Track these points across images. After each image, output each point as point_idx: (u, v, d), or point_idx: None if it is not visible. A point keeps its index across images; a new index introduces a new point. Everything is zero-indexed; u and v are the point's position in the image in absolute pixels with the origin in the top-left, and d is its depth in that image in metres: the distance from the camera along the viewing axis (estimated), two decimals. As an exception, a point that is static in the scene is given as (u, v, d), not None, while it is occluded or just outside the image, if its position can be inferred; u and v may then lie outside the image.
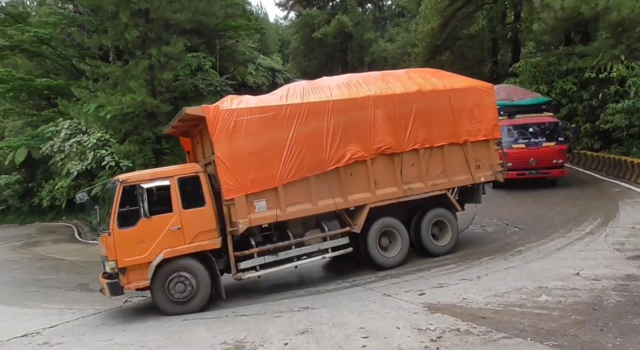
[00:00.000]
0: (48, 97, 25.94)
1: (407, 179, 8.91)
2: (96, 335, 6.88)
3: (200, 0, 23.04)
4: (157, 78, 21.42)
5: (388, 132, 8.74)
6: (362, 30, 41.08)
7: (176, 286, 7.61)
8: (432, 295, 6.88)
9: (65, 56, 24.66)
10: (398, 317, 6.06)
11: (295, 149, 8.10)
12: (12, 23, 25.02)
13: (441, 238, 9.46)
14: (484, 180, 9.71)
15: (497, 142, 9.81)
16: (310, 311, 6.84)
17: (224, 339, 5.90)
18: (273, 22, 61.87)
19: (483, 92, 9.82)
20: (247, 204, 7.79)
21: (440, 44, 27.22)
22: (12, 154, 26.38)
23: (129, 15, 20.37)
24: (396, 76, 9.74)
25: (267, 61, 40.24)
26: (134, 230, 7.51)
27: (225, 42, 29.48)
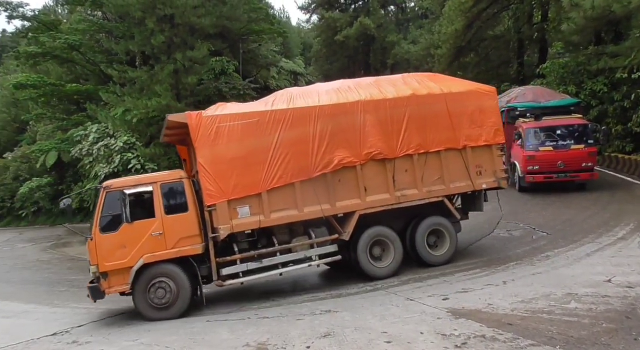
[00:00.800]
0: (77, 101, 26.69)
1: (400, 185, 8.62)
2: (122, 335, 7.01)
3: (224, 5, 23.40)
4: (182, 82, 21.84)
5: (379, 137, 8.51)
6: (384, 33, 40.85)
7: (157, 292, 7.66)
8: (456, 300, 6.75)
9: (94, 62, 25.36)
10: (421, 321, 5.97)
11: (280, 155, 8.05)
12: (44, 31, 25.91)
13: (439, 247, 9.08)
14: (486, 187, 9.27)
15: (501, 148, 9.40)
16: (332, 314, 6.80)
17: (246, 341, 5.93)
18: (295, 26, 62.19)
19: (484, 96, 9.41)
20: (229, 210, 7.78)
21: (464, 46, 26.82)
22: (43, 157, 27.22)
23: (155, 21, 20.84)
24: (390, 81, 9.54)
25: (289, 64, 40.49)
26: (116, 235, 7.63)
27: (249, 45, 29.81)
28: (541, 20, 24.81)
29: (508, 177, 9.49)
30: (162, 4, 20.84)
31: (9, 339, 7.23)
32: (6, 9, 25.64)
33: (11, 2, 25.74)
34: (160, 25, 21.16)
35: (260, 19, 28.08)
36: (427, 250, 8.95)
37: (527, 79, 25.14)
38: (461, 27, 25.24)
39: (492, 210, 12.82)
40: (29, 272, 15.15)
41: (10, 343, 6.95)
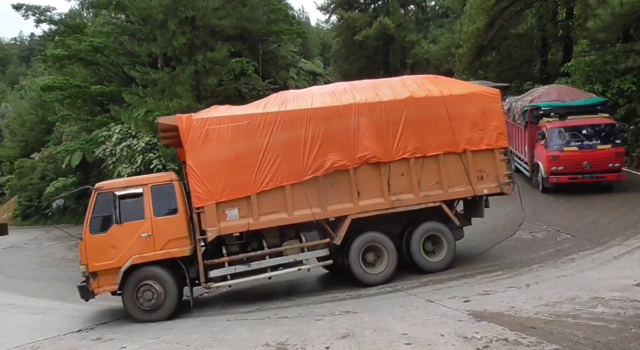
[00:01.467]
0: (101, 103, 27.29)
1: (395, 189, 8.45)
2: (144, 332, 7.12)
3: (244, 7, 23.59)
4: (202, 83, 22.10)
5: (373, 140, 8.38)
6: (404, 32, 40.55)
7: (144, 294, 7.75)
8: (478, 302, 6.64)
9: (117, 64, 25.89)
10: (442, 324, 5.89)
11: (270, 158, 8.02)
12: (70, 34, 26.59)
13: (437, 254, 8.90)
14: (487, 193, 8.98)
15: (504, 152, 9.10)
16: (351, 315, 6.77)
17: (266, 341, 5.95)
18: (314, 26, 62.30)
19: (487, 98, 9.13)
20: (218, 213, 7.80)
21: (485, 44, 26.36)
22: (68, 158, 27.91)
23: (176, 23, 21.15)
24: (389, 83, 9.38)
25: (308, 65, 40.59)
26: (105, 235, 7.76)
27: (268, 46, 29.98)
28: (566, 17, 24.22)
29: (512, 182, 9.14)
30: (183, 6, 21.14)
31: (37, 334, 7.43)
32: (34, 13, 26.41)
33: (39, 7, 26.54)
34: (181, 28, 21.47)
35: (279, 20, 28.22)
36: (424, 257, 8.74)
37: (551, 77, 24.58)
38: (483, 25, 24.83)
39: (514, 212, 12.61)
40: (56, 270, 15.56)
41: (38, 339, 7.14)
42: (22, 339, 7.15)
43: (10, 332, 7.86)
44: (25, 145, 39.77)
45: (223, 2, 22.26)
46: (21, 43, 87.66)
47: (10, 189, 36.44)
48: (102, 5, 26.18)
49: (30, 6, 26.41)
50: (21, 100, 44.81)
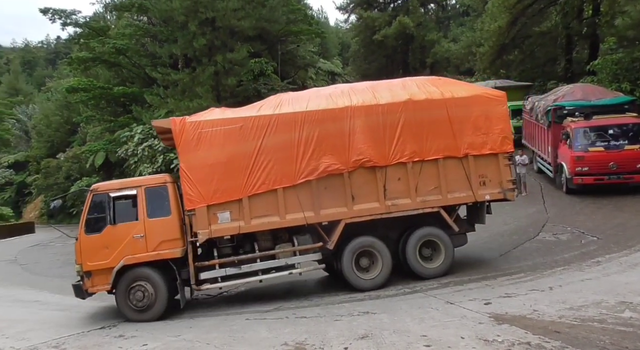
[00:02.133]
0: (124, 104, 27.85)
1: (392, 194, 8.27)
2: (165, 330, 7.22)
3: (263, 7, 23.75)
4: (222, 84, 22.35)
5: (368, 144, 8.22)
6: (424, 31, 40.18)
7: (136, 294, 7.88)
8: (499, 305, 6.53)
9: (139, 65, 26.38)
10: (462, 326, 5.81)
11: (263, 161, 7.98)
12: (94, 36, 27.21)
13: (434, 260, 8.68)
14: (489, 199, 8.68)
15: (509, 157, 8.76)
16: (370, 316, 6.74)
17: (284, 340, 5.96)
18: (333, 26, 62.30)
19: (491, 101, 8.80)
20: (209, 215, 7.82)
21: (507, 43, 25.90)
22: (92, 158, 28.57)
23: (197, 24, 21.44)
24: (389, 85, 9.13)
25: (327, 65, 40.61)
26: (100, 236, 7.90)
27: (287, 47, 30.10)
28: (592, 14, 23.59)
29: (516, 188, 8.83)
30: (204, 7, 21.42)
31: (62, 330, 7.62)
32: (61, 16, 27.12)
33: (65, 10, 27.22)
34: (201, 29, 21.76)
35: (298, 20, 28.32)
36: (419, 263, 8.54)
37: (575, 76, 24.00)
38: (505, 23, 24.41)
39: (537, 213, 12.37)
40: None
41: (64, 335, 7.32)
42: (48, 335, 7.34)
43: (36, 327, 8.07)
44: (51, 145, 40.82)
45: (243, 3, 22.48)
46: (48, 46, 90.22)
47: (37, 188, 37.46)
48: (124, 7, 26.72)
49: (57, 10, 27.15)
50: (47, 102, 46.05)
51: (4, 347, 6.87)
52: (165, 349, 6.16)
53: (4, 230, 31.10)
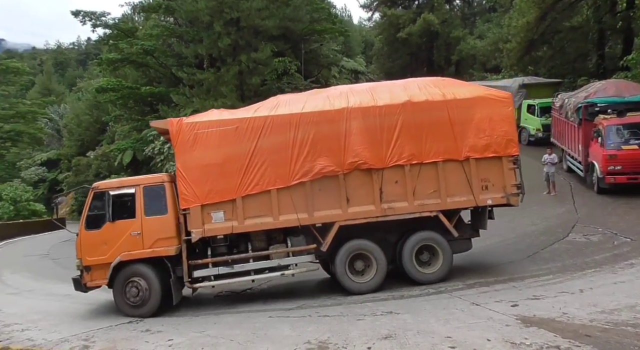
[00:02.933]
0: (151, 103, 28.44)
1: (388, 197, 8.11)
2: (190, 326, 7.34)
3: (287, 7, 23.85)
4: (246, 83, 22.55)
5: (364, 146, 8.09)
6: (449, 28, 39.61)
7: (131, 290, 8.09)
8: (527, 307, 6.37)
9: (166, 65, 26.88)
10: (488, 328, 5.69)
11: (257, 162, 8.01)
12: (123, 37, 27.88)
13: (432, 265, 8.45)
14: (492, 204, 8.38)
15: (513, 160, 8.40)
16: (393, 316, 6.68)
17: (307, 338, 5.97)
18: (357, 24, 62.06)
19: (496, 102, 8.48)
20: (203, 215, 7.94)
21: (536, 39, 25.26)
22: (120, 156, 29.30)
23: (221, 24, 21.70)
24: (390, 86, 8.99)
25: (350, 63, 40.50)
26: (99, 232, 8.16)
27: (310, 45, 30.14)
28: (626, 8, 22.76)
29: (521, 193, 8.43)
30: (229, 7, 21.65)
31: (91, 324, 7.84)
32: (91, 18, 27.93)
33: (95, 12, 28.01)
34: (226, 29, 22.00)
35: (322, 19, 28.33)
36: (415, 267, 8.34)
37: (608, 72, 23.23)
38: (534, 19, 23.81)
39: (566, 213, 12.03)
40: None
41: (93, 328, 7.52)
42: (78, 328, 7.56)
43: (67, 320, 8.33)
44: (81, 144, 42.06)
45: (267, 3, 22.62)
46: (79, 47, 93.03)
47: (68, 185, 38.64)
48: (152, 9, 27.27)
49: (88, 12, 27.97)
50: (78, 102, 47.48)
51: (37, 338, 7.11)
52: (190, 344, 6.25)
53: (37, 226, 32.25)
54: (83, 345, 6.59)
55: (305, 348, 5.68)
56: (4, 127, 40.42)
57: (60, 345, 6.65)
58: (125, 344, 6.49)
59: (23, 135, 41.47)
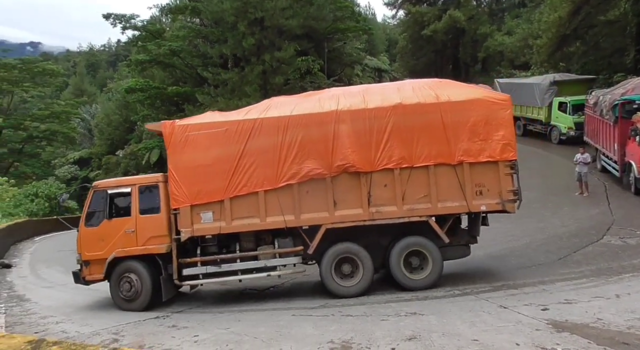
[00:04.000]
0: (177, 103, 28.94)
1: (377, 201, 8.01)
2: (215, 323, 7.40)
3: (310, 6, 23.86)
4: (270, 82, 22.68)
5: (353, 148, 8.00)
6: (475, 25, 38.87)
7: (124, 285, 8.45)
8: (558, 311, 6.15)
9: (192, 65, 27.31)
10: (517, 332, 5.52)
11: (246, 164, 8.08)
12: (151, 39, 28.48)
13: (421, 271, 8.25)
14: (485, 210, 8.12)
15: (511, 165, 8.06)
16: (417, 317, 6.56)
17: (330, 338, 5.92)
18: (381, 22, 61.60)
19: (493, 105, 8.16)
20: (192, 215, 8.12)
21: (569, 34, 24.42)
22: (147, 155, 29.91)
23: (246, 24, 21.88)
24: (383, 88, 8.88)
25: (373, 62, 40.25)
26: (97, 229, 8.56)
27: (334, 44, 30.08)
28: (666, 0, 21.80)
29: (518, 199, 8.12)
30: (253, 7, 21.81)
31: (120, 318, 7.99)
32: (121, 21, 28.68)
33: (125, 15, 28.73)
34: (250, 29, 22.16)
35: (345, 18, 28.21)
36: (403, 273, 8.16)
37: (646, 68, 22.29)
38: (566, 13, 23.04)
39: (601, 215, 11.61)
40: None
41: (122, 322, 7.68)
42: (108, 322, 7.72)
43: (98, 314, 8.54)
44: (111, 143, 43.12)
45: (291, 2, 22.68)
46: (109, 49, 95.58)
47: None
48: (179, 10, 27.74)
49: (118, 15, 28.73)
50: (108, 102, 48.72)
51: (71, 330, 7.31)
52: (215, 340, 6.29)
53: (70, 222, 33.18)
54: (113, 339, 6.73)
55: (328, 347, 5.63)
56: (40, 127, 41.92)
57: (92, 338, 6.80)
58: (152, 339, 6.59)
59: (57, 134, 42.90)
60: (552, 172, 17.74)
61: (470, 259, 10.22)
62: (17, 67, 39.88)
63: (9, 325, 7.88)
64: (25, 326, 7.75)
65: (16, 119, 41.91)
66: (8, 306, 9.45)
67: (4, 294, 10.92)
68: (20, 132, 41.52)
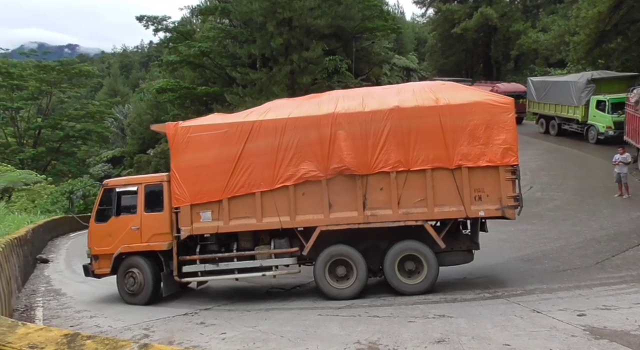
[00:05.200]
0: (206, 102, 29.44)
1: (373, 204, 7.97)
2: (242, 321, 7.45)
3: (339, 5, 23.80)
4: (297, 82, 22.76)
5: (348, 152, 7.96)
6: (508, 22, 37.93)
7: (129, 280, 8.81)
8: (596, 317, 5.89)
9: (221, 66, 27.71)
10: (551, 337, 5.31)
11: (244, 165, 8.22)
12: (181, 40, 29.06)
13: (417, 275, 8.10)
14: (484, 216, 7.94)
15: (512, 170, 7.82)
16: (446, 319, 6.42)
17: (357, 338, 5.86)
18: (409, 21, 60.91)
19: (494, 108, 7.94)
20: (192, 214, 8.34)
21: (609, 30, 23.45)
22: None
23: (274, 24, 22.02)
24: (383, 91, 8.88)
25: (402, 61, 39.80)
26: (105, 225, 8.96)
27: (362, 43, 29.90)
28: None
29: (519, 206, 7.88)
30: (281, 8, 21.93)
31: (151, 314, 8.17)
32: (153, 23, 29.41)
33: (157, 17, 29.43)
34: (279, 29, 22.30)
35: (374, 17, 27.99)
36: (397, 276, 8.08)
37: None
38: (606, 8, 22.13)
39: None
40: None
41: (153, 318, 7.83)
42: (139, 317, 7.88)
43: (129, 310, 8.71)
44: (142, 142, 44.20)
45: (319, 2, 22.69)
46: (142, 50, 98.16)
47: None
48: (209, 11, 28.18)
49: (150, 17, 29.46)
50: (140, 102, 49.97)
51: (104, 325, 7.51)
52: (242, 338, 6.32)
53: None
54: (144, 334, 6.85)
55: (355, 348, 5.57)
56: (76, 126, 43.44)
57: (124, 333, 6.95)
58: (181, 335, 6.69)
59: (92, 133, 44.37)
60: (588, 173, 17.10)
61: (501, 261, 9.98)
62: (55, 69, 41.48)
63: (47, 318, 8.14)
64: (62, 320, 7.99)
65: (54, 118, 43.55)
66: (45, 300, 9.79)
67: (41, 287, 11.33)
68: (57, 132, 43.08)
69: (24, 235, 12.22)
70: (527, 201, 14.98)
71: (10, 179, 27.22)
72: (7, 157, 38.39)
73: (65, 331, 2.59)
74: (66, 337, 2.51)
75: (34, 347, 2.42)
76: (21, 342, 2.47)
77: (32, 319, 8.10)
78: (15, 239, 10.41)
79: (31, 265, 13.17)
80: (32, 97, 41.99)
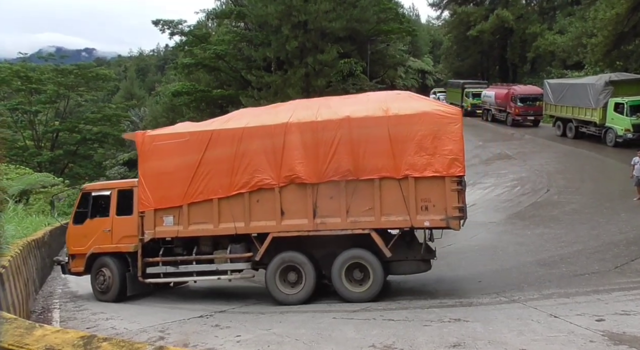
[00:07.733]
0: (221, 105, 29.69)
1: (323, 212, 8.09)
2: (257, 323, 7.49)
3: (354, 8, 23.86)
4: (312, 85, 22.85)
5: (300, 160, 8.14)
6: (525, 24, 37.53)
7: (99, 278, 9.39)
8: (615, 323, 5.79)
9: (236, 69, 27.95)
10: (569, 343, 5.24)
11: (203, 172, 8.53)
12: (197, 43, 29.40)
13: (364, 283, 8.19)
14: (429, 226, 7.95)
15: (458, 181, 7.78)
16: (462, 324, 6.37)
17: (372, 342, 5.85)
18: (425, 23, 60.68)
19: (442, 119, 7.89)
20: (155, 218, 8.74)
21: (627, 31, 23.08)
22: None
23: (289, 27, 22.17)
24: (340, 101, 9.11)
25: (417, 63, 39.70)
26: (82, 227, 9.61)
27: (377, 46, 29.91)
28: None
29: (463, 217, 7.84)
30: (297, 11, 22.07)
31: (166, 316, 8.25)
32: (169, 26, 29.83)
33: (173, 21, 29.85)
34: (294, 32, 22.44)
35: (389, 19, 28.02)
36: (343, 284, 8.21)
37: None
38: (624, 10, 21.80)
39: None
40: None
41: (168, 320, 7.92)
42: (155, 320, 7.94)
43: (144, 312, 8.82)
44: (158, 145, 44.77)
45: (334, 5, 22.77)
46: (158, 54, 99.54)
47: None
48: (224, 15, 28.48)
49: (166, 21, 29.91)
50: (156, 105, 50.61)
51: (119, 327, 7.60)
52: (257, 341, 6.36)
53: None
54: (159, 337, 6.91)
55: (369, 351, 5.57)
56: (93, 130, 44.13)
57: (139, 335, 7.02)
58: (196, 337, 6.74)
59: (108, 136, 44.97)
60: (606, 176, 16.80)
61: (517, 265, 9.87)
62: (73, 73, 42.24)
63: (63, 320, 8.25)
64: (78, 322, 8.11)
65: (71, 122, 44.27)
66: (62, 302, 9.96)
67: (58, 289, 11.53)
68: (74, 135, 43.79)
69: (42, 238, 12.49)
70: (544, 204, 14.87)
71: (28, 181, 27.73)
72: (25, 160, 39.08)
73: (81, 333, 2.64)
74: (82, 339, 2.56)
75: (51, 349, 2.47)
76: (38, 344, 2.53)
77: (49, 320, 8.23)
78: (32, 241, 10.65)
79: (48, 267, 13.40)
80: (50, 100, 42.75)
